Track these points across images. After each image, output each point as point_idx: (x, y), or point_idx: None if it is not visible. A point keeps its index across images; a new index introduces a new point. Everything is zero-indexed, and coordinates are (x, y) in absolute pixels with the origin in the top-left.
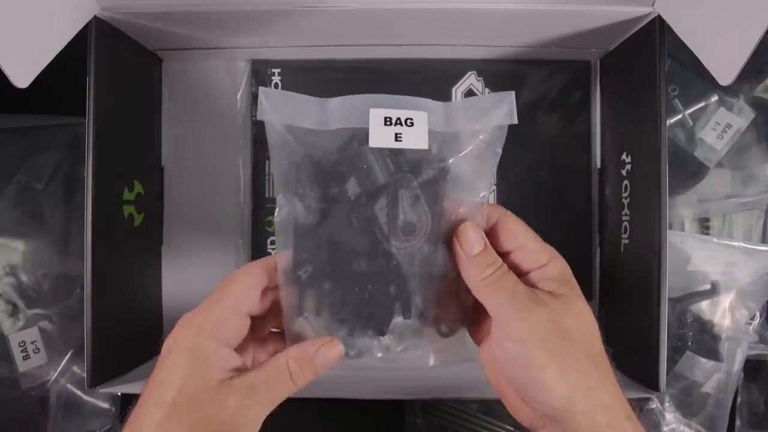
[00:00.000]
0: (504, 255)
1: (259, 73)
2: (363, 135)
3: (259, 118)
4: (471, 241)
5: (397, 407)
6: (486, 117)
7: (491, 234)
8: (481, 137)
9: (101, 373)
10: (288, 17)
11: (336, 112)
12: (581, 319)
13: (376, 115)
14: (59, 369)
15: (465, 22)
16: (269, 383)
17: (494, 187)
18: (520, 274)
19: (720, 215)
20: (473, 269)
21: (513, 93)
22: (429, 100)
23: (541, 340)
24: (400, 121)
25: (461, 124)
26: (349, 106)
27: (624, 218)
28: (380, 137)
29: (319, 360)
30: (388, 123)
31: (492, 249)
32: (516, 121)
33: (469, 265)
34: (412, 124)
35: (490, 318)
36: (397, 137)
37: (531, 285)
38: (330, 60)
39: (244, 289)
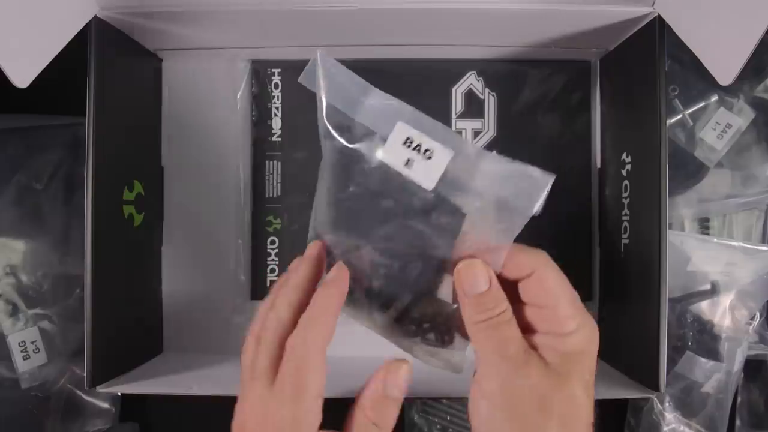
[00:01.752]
0: (531, 306)
1: (259, 73)
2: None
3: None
4: (473, 280)
5: None
6: (514, 198)
7: (527, 283)
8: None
9: (101, 373)
10: (288, 17)
11: (369, 108)
12: (568, 405)
13: (400, 130)
14: (59, 369)
15: (465, 22)
16: None
17: None
18: (535, 330)
19: (720, 215)
20: (469, 309)
21: (550, 180)
22: (464, 140)
23: (510, 412)
24: (420, 148)
25: (483, 187)
26: (381, 110)
27: (624, 218)
28: (392, 154)
29: (392, 391)
30: (407, 144)
31: (497, 293)
32: (537, 212)
33: (466, 304)
34: (430, 158)
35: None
36: (407, 163)
37: (536, 347)
38: None
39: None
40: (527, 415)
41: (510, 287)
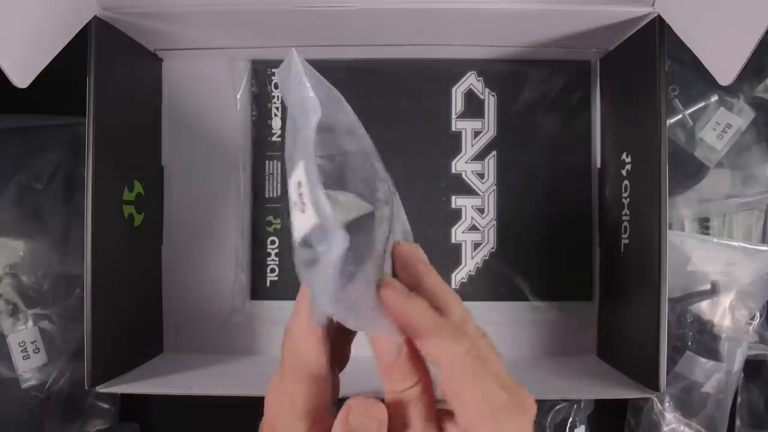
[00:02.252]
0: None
1: (259, 73)
2: None
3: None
4: (386, 347)
5: None
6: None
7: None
8: None
9: (101, 373)
10: (288, 17)
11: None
12: None
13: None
14: (59, 369)
15: (465, 22)
16: None
17: (495, 188)
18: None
19: (720, 215)
20: (383, 376)
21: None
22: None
23: None
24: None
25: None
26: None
27: (624, 218)
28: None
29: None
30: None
31: (405, 366)
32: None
33: (380, 370)
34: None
35: None
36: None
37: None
38: (330, 60)
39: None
40: None
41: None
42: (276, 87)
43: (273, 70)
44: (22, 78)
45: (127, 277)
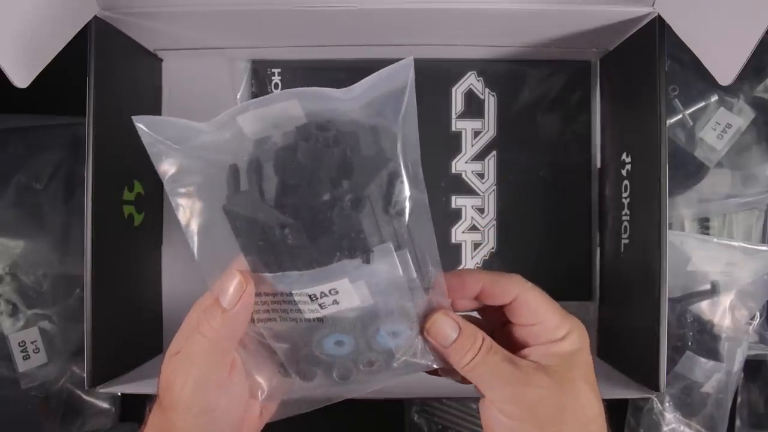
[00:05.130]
0: (521, 326)
1: (259, 73)
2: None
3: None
4: (444, 333)
5: (397, 407)
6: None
7: (512, 308)
8: None
9: (101, 373)
10: (288, 17)
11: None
12: (577, 400)
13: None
14: (59, 369)
15: (465, 22)
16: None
17: (495, 188)
18: (530, 344)
19: (720, 215)
20: (453, 358)
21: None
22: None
23: (531, 421)
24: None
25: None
26: None
27: (624, 218)
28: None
29: (222, 299)
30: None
31: (469, 332)
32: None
33: (448, 354)
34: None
35: None
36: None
37: (537, 355)
38: (330, 60)
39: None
40: (547, 419)
41: (495, 314)
42: (276, 87)
43: (273, 70)
44: (22, 78)
45: (127, 277)
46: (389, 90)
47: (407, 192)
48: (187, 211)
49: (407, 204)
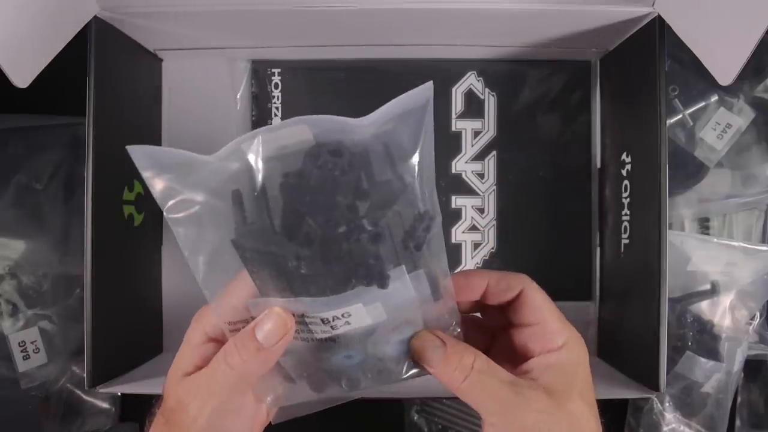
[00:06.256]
0: (521, 327)
1: (259, 73)
2: None
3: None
4: (429, 352)
5: (397, 407)
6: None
7: (515, 305)
8: None
9: (101, 373)
10: (288, 17)
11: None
12: (573, 419)
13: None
14: (59, 369)
15: (465, 22)
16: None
17: (495, 188)
18: (528, 353)
19: (720, 215)
20: (445, 378)
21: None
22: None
23: None
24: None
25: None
26: None
27: (624, 218)
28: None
29: (259, 333)
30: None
31: (456, 349)
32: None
33: (439, 374)
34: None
35: None
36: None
37: (531, 370)
38: (330, 60)
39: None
40: None
41: (500, 315)
42: (276, 87)
43: (273, 70)
44: (22, 78)
45: (127, 277)
46: (406, 111)
47: (426, 222)
48: (190, 242)
49: (426, 234)
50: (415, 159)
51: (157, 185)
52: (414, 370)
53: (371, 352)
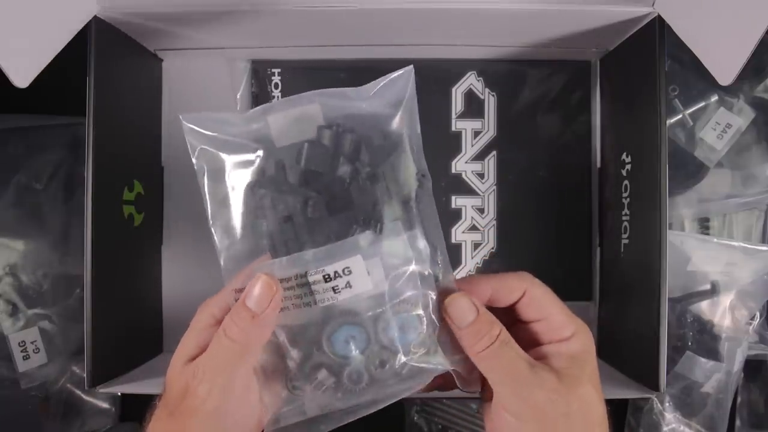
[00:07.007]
0: (528, 323)
1: (259, 73)
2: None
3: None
4: (461, 313)
5: (397, 407)
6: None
7: (521, 304)
8: None
9: (101, 373)
10: (288, 17)
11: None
12: (584, 404)
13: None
14: (59, 369)
15: (465, 22)
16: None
17: (495, 188)
18: (539, 343)
19: (720, 215)
20: (466, 340)
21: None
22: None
23: (539, 423)
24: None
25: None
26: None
27: (624, 218)
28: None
29: (249, 301)
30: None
31: (487, 318)
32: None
33: (463, 336)
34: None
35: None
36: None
37: (543, 357)
38: (330, 60)
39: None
40: (555, 421)
41: (506, 314)
42: (276, 87)
43: (273, 70)
44: (22, 78)
45: (127, 276)
46: (392, 80)
47: (413, 168)
48: (214, 190)
49: (414, 182)
50: (402, 119)
51: (192, 141)
52: (418, 373)
53: (374, 336)
